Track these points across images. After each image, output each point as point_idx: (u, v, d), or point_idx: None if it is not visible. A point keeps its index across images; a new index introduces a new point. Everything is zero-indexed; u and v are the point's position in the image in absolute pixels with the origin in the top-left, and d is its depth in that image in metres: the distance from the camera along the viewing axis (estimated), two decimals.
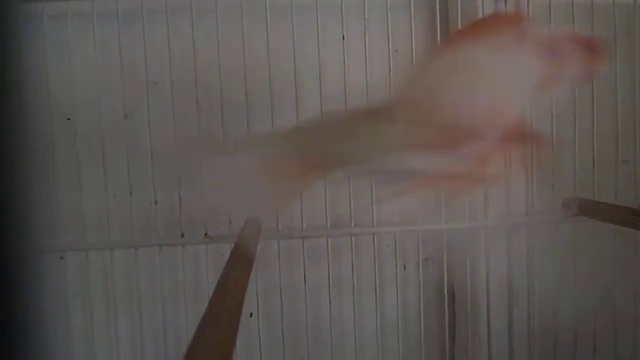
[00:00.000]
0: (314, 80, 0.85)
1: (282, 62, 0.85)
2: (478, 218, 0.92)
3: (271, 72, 0.83)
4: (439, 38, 0.89)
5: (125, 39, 0.83)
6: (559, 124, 0.92)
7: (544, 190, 0.93)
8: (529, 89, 0.49)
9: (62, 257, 0.87)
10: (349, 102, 0.86)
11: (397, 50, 0.92)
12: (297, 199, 0.67)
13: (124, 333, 0.89)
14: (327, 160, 0.51)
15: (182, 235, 0.84)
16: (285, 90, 0.85)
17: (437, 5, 0.89)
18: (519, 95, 0.49)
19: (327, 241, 0.88)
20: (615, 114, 0.92)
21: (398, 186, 0.51)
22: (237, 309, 0.48)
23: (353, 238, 0.88)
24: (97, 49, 0.82)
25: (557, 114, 0.91)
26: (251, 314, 0.88)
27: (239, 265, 0.62)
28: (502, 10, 0.91)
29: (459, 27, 0.90)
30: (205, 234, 0.84)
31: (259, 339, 0.87)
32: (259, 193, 0.52)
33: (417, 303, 0.93)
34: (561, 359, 0.95)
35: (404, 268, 1.00)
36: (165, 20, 0.82)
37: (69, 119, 0.85)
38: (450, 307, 0.98)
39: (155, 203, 0.84)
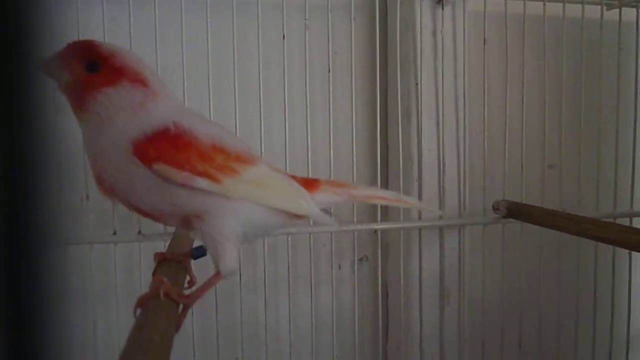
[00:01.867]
0: (254, 78, 0.85)
1: (222, 58, 0.85)
2: (412, 218, 0.94)
3: (211, 70, 0.82)
4: (378, 40, 0.90)
5: (109, 33, 0.79)
6: (490, 130, 0.95)
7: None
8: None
9: None
10: (289, 101, 0.87)
11: (336, 52, 0.93)
12: None
13: None
14: None
15: (115, 233, 0.82)
16: (225, 86, 0.84)
17: (377, 8, 0.90)
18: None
19: (264, 240, 0.87)
20: (543, 121, 0.96)
21: None
22: (174, 308, 0.48)
23: (289, 237, 0.88)
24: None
25: (489, 120, 0.94)
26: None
27: (173, 263, 0.60)
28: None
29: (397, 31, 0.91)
30: (139, 232, 0.82)
31: (193, 337, 0.86)
32: None
33: (351, 302, 0.94)
34: (489, 355, 0.98)
35: (339, 267, 1.01)
36: (152, 13, 0.79)
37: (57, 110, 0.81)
38: (384, 306, 1.00)
39: (87, 198, 0.81)
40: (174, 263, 0.59)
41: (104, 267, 0.86)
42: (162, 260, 0.59)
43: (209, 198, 0.50)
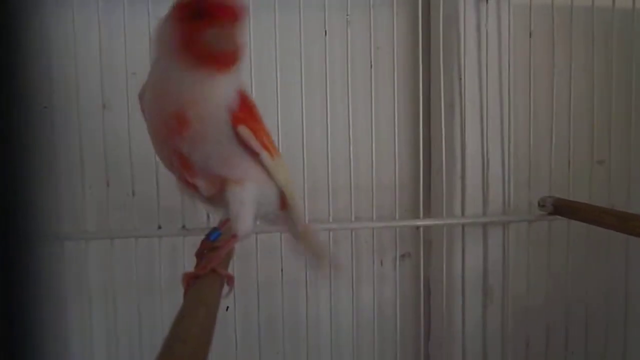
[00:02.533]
0: (296, 74, 0.85)
1: (265, 56, 0.85)
2: (455, 215, 0.93)
3: (253, 65, 0.83)
4: (420, 35, 0.89)
5: (105, 27, 0.82)
6: (536, 125, 0.93)
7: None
8: (193, 73, 0.50)
9: None
10: (331, 96, 0.87)
11: (378, 47, 0.92)
12: None
13: (98, 325, 0.88)
14: None
15: (159, 227, 0.83)
16: (268, 82, 0.85)
17: (420, 2, 0.89)
18: (186, 81, 0.50)
19: None
20: (591, 115, 0.93)
21: None
22: (215, 302, 0.48)
23: (331, 233, 0.88)
24: (75, 36, 0.80)
25: (535, 115, 0.92)
26: (227, 307, 0.87)
27: None
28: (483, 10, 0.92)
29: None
30: (183, 226, 0.84)
31: (235, 332, 0.87)
32: None
33: (393, 299, 0.93)
34: (533, 354, 0.96)
35: (381, 264, 1.00)
36: (146, 9, 0.81)
37: (45, 107, 0.83)
38: (426, 303, 0.99)
39: (133, 194, 0.83)
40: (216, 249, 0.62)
41: (148, 260, 0.88)
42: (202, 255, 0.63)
43: (256, 168, 0.56)
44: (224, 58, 0.50)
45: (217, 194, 0.56)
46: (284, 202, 0.62)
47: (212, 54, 0.49)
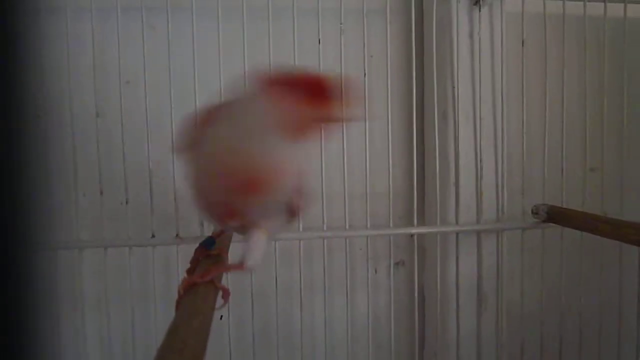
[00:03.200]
0: None
1: (259, 62, 0.85)
2: (449, 223, 0.93)
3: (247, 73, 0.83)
4: (414, 43, 0.90)
5: (98, 36, 0.82)
6: (529, 133, 0.93)
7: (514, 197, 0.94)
8: (277, 141, 0.50)
9: None
10: None
11: (372, 56, 0.93)
12: None
13: (91, 335, 0.88)
14: None
15: (153, 236, 0.83)
16: None
17: (413, 12, 0.89)
18: (270, 148, 0.50)
19: (300, 244, 0.88)
20: (584, 123, 0.94)
21: None
22: (209, 312, 0.48)
23: (325, 241, 0.88)
24: (69, 45, 0.80)
25: (528, 123, 0.93)
26: (222, 316, 0.87)
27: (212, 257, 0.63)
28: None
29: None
30: (177, 235, 0.83)
31: (230, 342, 0.86)
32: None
33: (387, 307, 0.93)
34: None
35: (375, 272, 1.00)
36: (139, 17, 0.81)
37: (39, 115, 0.83)
38: (420, 311, 0.99)
39: (126, 202, 0.83)
40: (209, 258, 0.63)
41: (142, 269, 0.88)
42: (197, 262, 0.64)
43: (285, 221, 0.58)
44: (317, 132, 0.52)
45: (242, 227, 0.58)
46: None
47: (315, 131, 0.51)
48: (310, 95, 0.49)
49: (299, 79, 0.50)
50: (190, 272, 0.63)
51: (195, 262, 0.64)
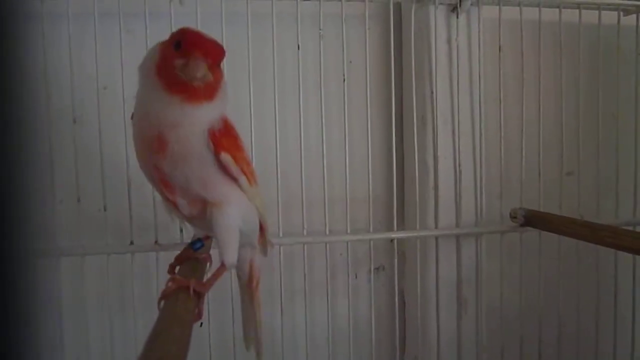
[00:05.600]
0: (269, 88, 0.85)
1: (238, 69, 0.85)
2: (428, 227, 0.94)
3: (226, 77, 0.82)
4: (392, 49, 0.90)
5: (75, 42, 0.81)
6: (506, 138, 0.94)
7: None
8: (169, 100, 0.53)
9: None
10: (304, 110, 0.87)
11: (351, 61, 0.93)
12: None
13: (69, 343, 0.87)
14: None
15: (132, 243, 0.82)
16: (241, 96, 0.84)
17: (392, 18, 0.90)
18: (163, 107, 0.54)
19: (280, 250, 0.88)
20: (560, 128, 0.95)
21: None
22: (189, 319, 0.48)
23: (305, 247, 0.88)
24: (46, 50, 0.80)
25: (505, 128, 0.94)
26: (201, 323, 0.86)
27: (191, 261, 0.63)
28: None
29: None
30: (156, 242, 0.83)
31: (210, 349, 0.86)
32: None
33: (368, 311, 0.93)
34: None
35: (356, 277, 1.00)
36: (117, 22, 0.80)
37: (15, 122, 0.82)
38: (401, 315, 1.00)
39: (105, 209, 0.82)
40: (192, 261, 0.66)
41: (121, 276, 0.87)
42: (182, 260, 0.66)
43: (235, 192, 0.59)
44: (192, 89, 0.53)
45: (199, 215, 0.59)
46: (262, 231, 0.66)
47: (182, 83, 0.52)
48: (188, 47, 0.52)
49: (189, 33, 0.54)
50: (172, 267, 0.66)
51: (179, 260, 0.66)
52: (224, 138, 0.56)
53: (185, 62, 0.52)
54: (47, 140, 0.80)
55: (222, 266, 0.58)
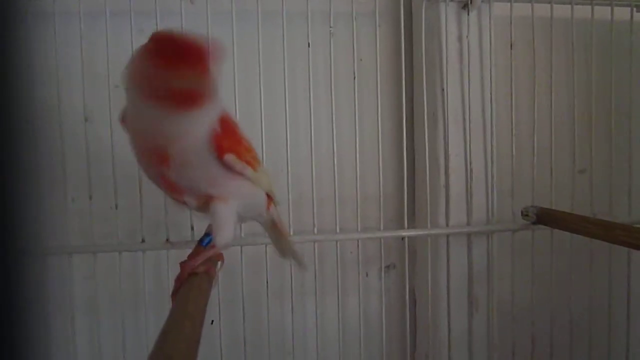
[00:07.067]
0: (280, 86, 0.85)
1: (249, 67, 0.85)
2: (439, 225, 0.93)
3: (237, 77, 0.83)
4: (403, 46, 0.90)
5: (87, 40, 0.82)
6: (518, 135, 0.94)
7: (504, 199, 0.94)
8: (159, 111, 0.49)
9: None
10: (315, 108, 0.87)
11: (361, 59, 0.93)
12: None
13: (81, 341, 0.87)
14: None
15: (143, 241, 0.83)
16: (251, 94, 0.85)
17: (402, 14, 0.90)
18: (155, 119, 0.50)
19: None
20: (572, 125, 0.94)
21: None
22: (200, 316, 0.48)
23: (316, 245, 0.88)
24: (57, 49, 0.80)
25: (517, 125, 0.93)
26: (212, 321, 0.87)
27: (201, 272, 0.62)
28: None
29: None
30: (167, 240, 0.83)
31: (221, 346, 0.86)
32: None
33: (379, 310, 0.93)
34: None
35: (367, 275, 1.00)
36: (128, 21, 0.81)
37: (27, 121, 0.82)
38: (412, 314, 0.99)
39: (116, 207, 0.82)
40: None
41: (132, 274, 0.87)
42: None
43: (241, 183, 0.58)
44: (184, 99, 0.47)
45: (206, 206, 0.58)
46: (269, 203, 0.67)
47: (171, 95, 0.47)
48: (165, 56, 0.46)
49: (163, 39, 0.48)
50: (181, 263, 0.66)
51: (190, 258, 0.65)
52: (224, 139, 0.54)
53: (169, 73, 0.46)
54: (58, 139, 0.80)
55: (212, 247, 0.59)
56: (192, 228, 0.83)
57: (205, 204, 0.58)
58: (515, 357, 0.95)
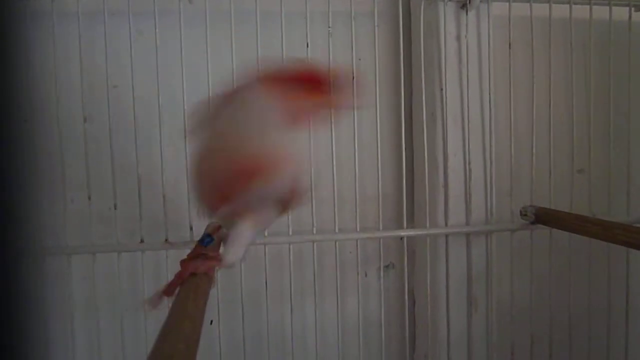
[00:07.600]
0: None
1: (247, 67, 0.85)
2: (438, 225, 0.93)
3: (235, 76, 0.83)
4: (401, 46, 0.90)
5: (85, 41, 0.82)
6: (516, 135, 0.94)
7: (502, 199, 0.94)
8: (276, 131, 0.52)
9: None
10: None
11: (360, 59, 0.93)
12: None
13: (80, 341, 0.87)
14: None
15: (142, 241, 0.83)
16: None
17: (401, 15, 0.90)
18: (274, 140, 0.52)
19: (289, 247, 0.88)
20: (571, 125, 0.95)
21: None
22: (200, 316, 0.48)
23: (315, 245, 0.88)
24: (56, 49, 0.80)
25: (515, 125, 0.93)
26: (212, 321, 0.87)
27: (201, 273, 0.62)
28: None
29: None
30: (166, 240, 0.83)
31: (220, 346, 0.86)
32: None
33: (378, 309, 0.93)
34: None
35: (366, 275, 1.00)
36: (127, 22, 0.81)
37: (25, 121, 0.83)
38: (411, 313, 0.99)
39: (115, 208, 0.82)
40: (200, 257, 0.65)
41: (131, 274, 0.87)
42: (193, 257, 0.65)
43: (272, 213, 0.59)
44: (308, 120, 0.54)
45: (229, 218, 0.59)
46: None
47: (304, 117, 0.53)
48: (306, 86, 0.52)
49: (293, 72, 0.53)
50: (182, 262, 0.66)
51: (190, 256, 0.65)
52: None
53: (320, 102, 0.53)
54: (57, 139, 0.80)
55: (219, 260, 0.58)
56: (191, 228, 0.83)
57: (232, 218, 0.58)
58: (515, 356, 0.95)
